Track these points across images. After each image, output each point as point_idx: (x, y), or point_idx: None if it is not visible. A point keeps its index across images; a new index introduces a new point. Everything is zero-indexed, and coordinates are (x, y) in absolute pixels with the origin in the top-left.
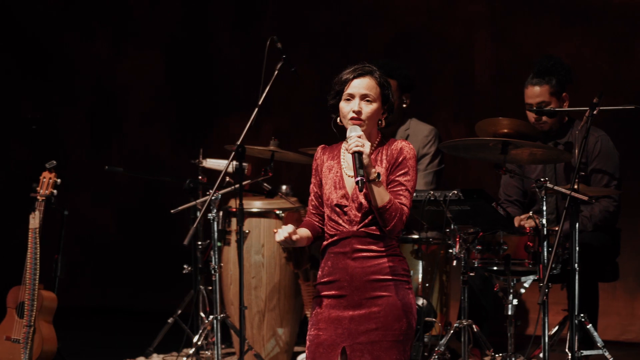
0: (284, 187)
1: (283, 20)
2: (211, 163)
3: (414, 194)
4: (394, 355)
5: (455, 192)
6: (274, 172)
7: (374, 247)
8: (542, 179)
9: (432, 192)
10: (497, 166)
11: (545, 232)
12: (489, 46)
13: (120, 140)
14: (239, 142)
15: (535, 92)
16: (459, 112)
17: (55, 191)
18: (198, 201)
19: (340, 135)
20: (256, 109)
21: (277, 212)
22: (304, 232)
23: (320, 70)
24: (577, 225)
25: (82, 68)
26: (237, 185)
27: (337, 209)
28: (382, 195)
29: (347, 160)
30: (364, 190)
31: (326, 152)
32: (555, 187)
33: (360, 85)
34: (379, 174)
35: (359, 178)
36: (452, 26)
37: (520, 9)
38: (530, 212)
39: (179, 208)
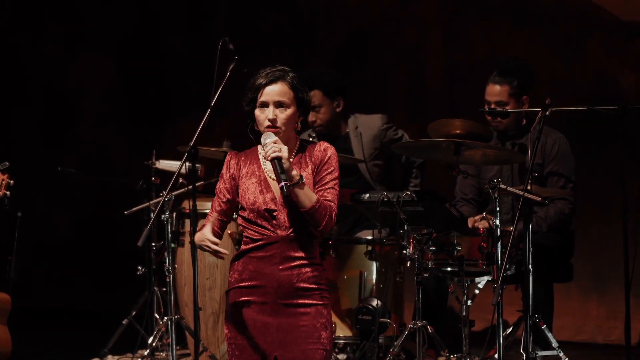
0: None
1: (235, 22)
2: (164, 164)
3: (366, 195)
4: None
5: (409, 193)
6: None
7: (302, 254)
8: (495, 180)
9: (385, 193)
10: (450, 167)
11: (498, 233)
12: (442, 47)
13: (73, 142)
14: (191, 144)
15: (495, 91)
16: (413, 113)
17: (8, 192)
18: (151, 202)
19: (256, 141)
20: (208, 110)
21: None
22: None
23: None
24: (530, 226)
25: (34, 69)
26: (190, 187)
27: (266, 214)
28: (309, 196)
29: (267, 164)
30: (290, 195)
31: (241, 158)
32: (508, 188)
33: (273, 92)
34: (301, 176)
35: (282, 183)
36: (405, 27)
37: (473, 10)
38: (484, 213)
39: (133, 209)
